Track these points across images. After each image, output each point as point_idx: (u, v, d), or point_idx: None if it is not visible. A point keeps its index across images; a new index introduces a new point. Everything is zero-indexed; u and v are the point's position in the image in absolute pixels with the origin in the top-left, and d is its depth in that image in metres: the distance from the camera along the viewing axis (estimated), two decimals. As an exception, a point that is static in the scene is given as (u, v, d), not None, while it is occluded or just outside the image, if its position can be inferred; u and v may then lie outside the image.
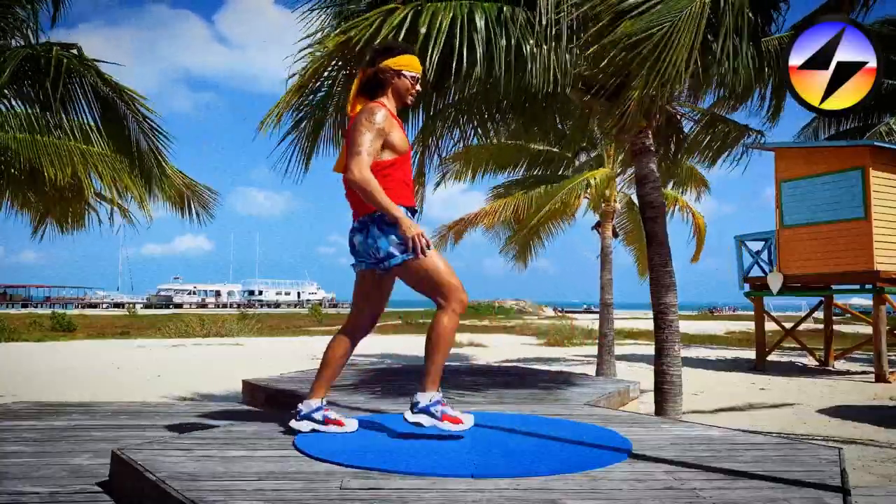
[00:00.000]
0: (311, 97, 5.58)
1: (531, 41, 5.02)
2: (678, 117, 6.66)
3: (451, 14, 4.82)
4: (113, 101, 5.20)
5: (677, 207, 12.88)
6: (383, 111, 2.93)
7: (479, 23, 4.87)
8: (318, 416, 3.05)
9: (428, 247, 2.85)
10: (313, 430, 3.02)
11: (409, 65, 3.06)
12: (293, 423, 3.06)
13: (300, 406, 3.08)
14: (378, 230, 2.87)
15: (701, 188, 12.67)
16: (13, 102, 5.72)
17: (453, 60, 4.83)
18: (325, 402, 3.10)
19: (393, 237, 2.85)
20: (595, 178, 11.01)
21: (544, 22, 5.00)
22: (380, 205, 2.81)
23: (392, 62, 3.03)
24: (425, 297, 2.94)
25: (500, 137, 7.36)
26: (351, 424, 3.07)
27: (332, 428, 3.03)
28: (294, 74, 5.17)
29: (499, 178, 12.21)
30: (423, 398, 2.86)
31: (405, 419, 2.88)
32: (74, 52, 5.05)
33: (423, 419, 2.83)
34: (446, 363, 3.12)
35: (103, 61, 5.16)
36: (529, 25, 5.06)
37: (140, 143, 5.54)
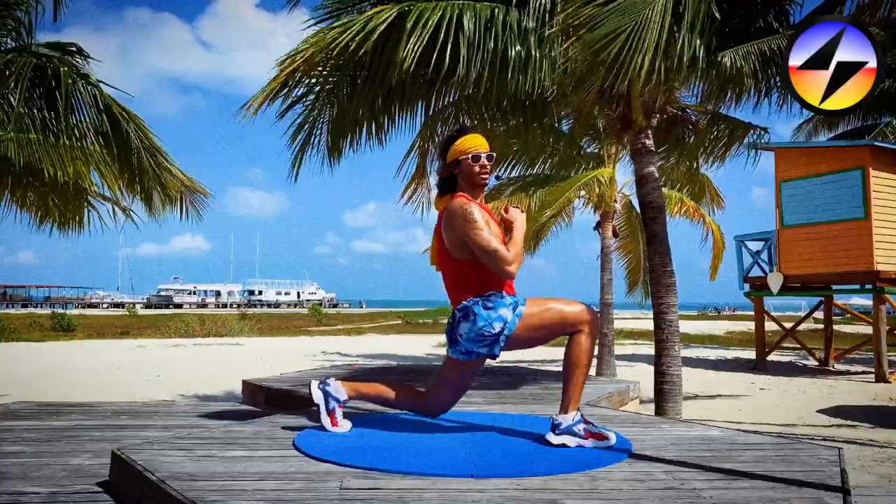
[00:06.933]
0: (302, 96, 5.59)
1: (519, 44, 5.04)
2: (679, 115, 6.67)
3: (440, 14, 4.83)
4: (117, 117, 5.45)
5: (682, 210, 12.84)
6: (472, 205, 2.89)
7: (468, 24, 4.88)
8: (331, 403, 3.07)
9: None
10: (316, 405, 3.07)
11: (465, 147, 2.97)
12: (313, 384, 3.11)
13: (329, 380, 3.11)
14: (483, 309, 2.85)
15: (716, 203, 12.63)
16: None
17: (444, 59, 4.85)
18: (345, 401, 3.12)
19: (502, 309, 2.85)
20: (603, 177, 11.01)
21: (532, 24, 5.03)
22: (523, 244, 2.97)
23: (449, 155, 3.00)
24: (561, 337, 2.94)
25: (499, 136, 7.37)
26: (344, 426, 3.09)
27: (326, 420, 3.05)
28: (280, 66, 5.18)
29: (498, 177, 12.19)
30: (566, 419, 2.80)
31: (549, 441, 2.80)
32: (74, 53, 5.19)
33: (568, 440, 2.78)
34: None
35: (110, 84, 5.65)
36: (520, 27, 5.08)
37: (142, 158, 5.84)
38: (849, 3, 5.64)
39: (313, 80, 5.49)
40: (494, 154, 3.08)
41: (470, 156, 2.97)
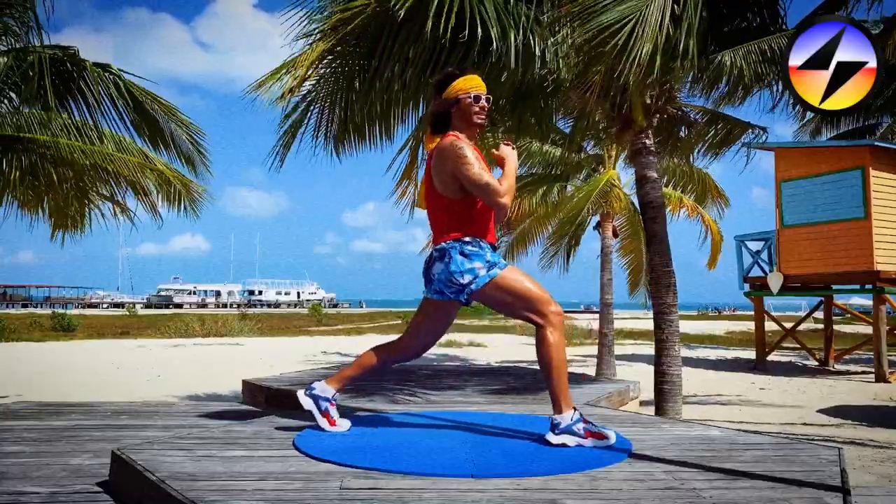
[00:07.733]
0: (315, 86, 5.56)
1: (537, 34, 5.03)
2: (678, 115, 6.66)
3: None
4: (147, 107, 5.54)
5: (683, 211, 12.84)
6: (461, 141, 2.90)
7: (490, 7, 4.85)
8: (322, 404, 3.08)
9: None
10: (308, 411, 3.08)
11: (466, 87, 2.96)
12: (299, 393, 3.12)
13: (314, 384, 3.12)
14: (461, 255, 2.86)
15: (719, 201, 12.64)
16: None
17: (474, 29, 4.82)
18: (335, 397, 3.12)
19: (477, 261, 2.85)
20: (615, 180, 11.00)
21: (545, 18, 5.02)
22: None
23: (448, 92, 2.98)
24: (518, 319, 2.94)
25: (497, 134, 7.37)
26: (343, 424, 3.10)
27: (323, 421, 3.06)
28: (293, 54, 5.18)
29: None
30: (563, 419, 2.80)
31: (549, 441, 2.80)
32: (72, 52, 5.23)
33: (567, 439, 2.78)
34: (446, 363, 3.14)
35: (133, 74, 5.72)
36: (535, 20, 5.08)
37: (180, 142, 6.05)
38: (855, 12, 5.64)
39: (320, 71, 5.46)
40: (491, 97, 3.08)
41: (472, 95, 2.97)
